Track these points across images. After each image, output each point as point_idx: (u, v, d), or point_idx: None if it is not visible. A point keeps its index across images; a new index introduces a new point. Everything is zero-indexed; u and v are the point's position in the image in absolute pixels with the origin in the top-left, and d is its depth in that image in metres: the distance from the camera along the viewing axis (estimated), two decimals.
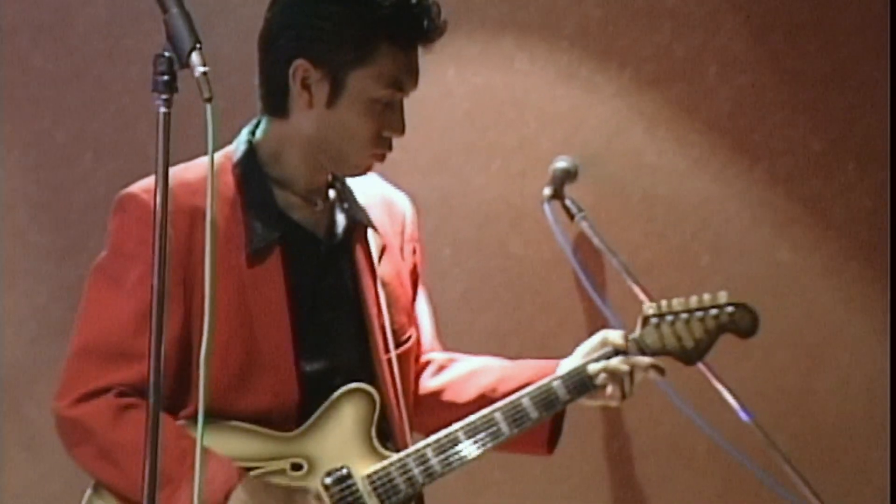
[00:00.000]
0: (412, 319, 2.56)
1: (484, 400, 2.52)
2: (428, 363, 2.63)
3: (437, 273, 3.41)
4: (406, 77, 2.39)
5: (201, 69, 1.91)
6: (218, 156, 2.40)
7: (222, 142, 3.43)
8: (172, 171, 2.23)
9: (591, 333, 3.35)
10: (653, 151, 3.46)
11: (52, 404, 2.35)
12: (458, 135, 3.53)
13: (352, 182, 2.50)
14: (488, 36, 3.42)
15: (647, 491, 3.45)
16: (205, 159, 2.37)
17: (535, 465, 3.24)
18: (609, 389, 2.50)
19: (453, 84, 3.48)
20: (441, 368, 2.62)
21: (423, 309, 2.61)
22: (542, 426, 2.53)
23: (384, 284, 2.47)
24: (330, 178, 2.47)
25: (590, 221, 3.37)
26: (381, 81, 2.36)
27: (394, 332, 2.47)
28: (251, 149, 2.42)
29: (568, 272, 3.43)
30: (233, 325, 2.33)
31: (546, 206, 3.40)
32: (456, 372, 2.61)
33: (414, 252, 2.57)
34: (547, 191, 3.42)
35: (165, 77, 1.93)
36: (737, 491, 3.36)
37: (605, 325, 3.32)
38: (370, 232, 2.48)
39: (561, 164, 3.43)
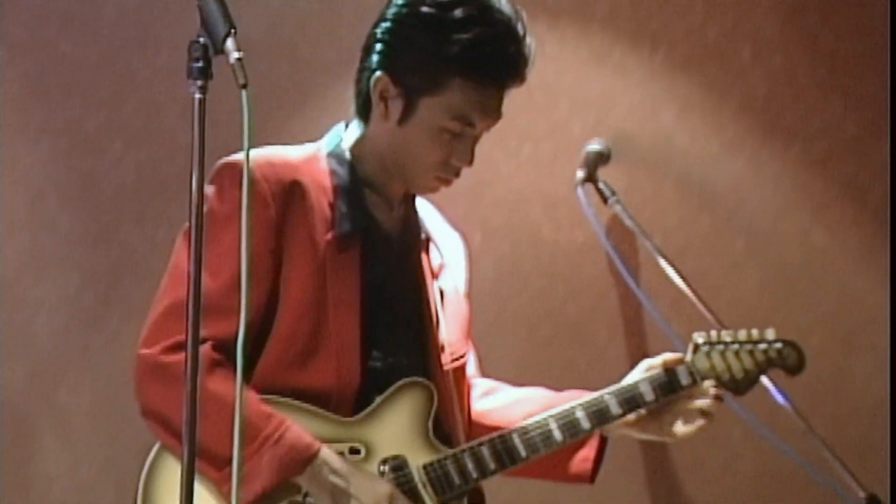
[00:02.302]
0: (468, 338, 2.61)
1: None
2: (473, 386, 2.67)
3: (468, 258, 3.40)
4: (478, 114, 2.44)
5: (236, 55, 1.91)
6: (309, 146, 2.51)
7: (255, 129, 3.45)
8: (270, 149, 2.45)
9: (624, 319, 3.49)
10: (685, 134, 3.44)
11: (138, 352, 2.38)
12: None
13: (420, 204, 2.59)
14: None
15: (682, 475, 3.43)
16: (302, 146, 2.50)
17: None
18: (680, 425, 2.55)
19: None
20: (487, 393, 2.67)
21: (469, 332, 2.66)
22: (590, 456, 2.57)
23: (444, 296, 2.54)
24: (404, 190, 2.53)
25: (623, 205, 3.35)
26: (450, 113, 2.42)
27: (450, 343, 2.52)
28: (342, 143, 2.50)
29: (600, 256, 3.41)
30: (307, 303, 2.39)
31: (579, 190, 3.38)
32: (503, 397, 2.66)
33: (466, 282, 2.64)
34: (580, 174, 3.40)
35: (200, 63, 1.92)
36: (772, 475, 3.35)
37: (639, 309, 3.39)
38: (433, 248, 2.56)
39: (594, 147, 3.41)
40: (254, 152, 2.35)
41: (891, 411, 3.27)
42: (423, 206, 2.62)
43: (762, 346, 2.53)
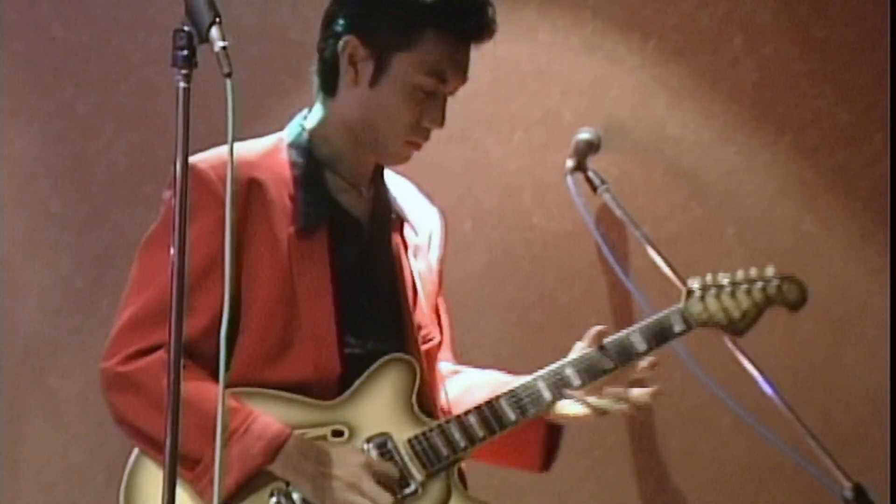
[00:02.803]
0: (438, 320, 2.60)
1: None
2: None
3: (460, 245, 3.40)
4: (450, 69, 2.43)
5: (221, 44, 1.91)
6: (271, 138, 2.50)
7: (243, 116, 3.44)
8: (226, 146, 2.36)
9: (613, 306, 3.48)
10: (676, 123, 3.43)
11: (99, 366, 2.40)
12: (480, 106, 3.50)
13: (391, 183, 2.56)
14: (511, 7, 3.37)
15: (671, 464, 3.43)
16: (264, 139, 2.49)
17: None
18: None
19: (475, 55, 3.41)
20: (442, 380, 2.65)
21: (444, 318, 2.65)
22: (536, 441, 2.54)
23: (420, 277, 2.53)
24: (373, 168, 2.52)
25: (612, 193, 3.34)
26: (423, 68, 2.41)
27: (424, 325, 2.52)
28: (303, 131, 2.48)
29: (591, 244, 3.41)
30: (276, 296, 2.38)
31: (569, 178, 3.37)
32: (457, 385, 2.64)
33: (440, 261, 2.62)
34: (569, 163, 3.39)
35: (185, 52, 1.91)
36: (761, 464, 3.34)
37: (628, 298, 3.38)
38: (407, 228, 2.54)
39: (583, 135, 3.40)
40: (211, 152, 2.39)
41: (891, 399, 3.26)
42: (396, 182, 2.59)
43: (759, 283, 2.48)
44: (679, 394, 3.35)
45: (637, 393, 2.52)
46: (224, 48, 1.90)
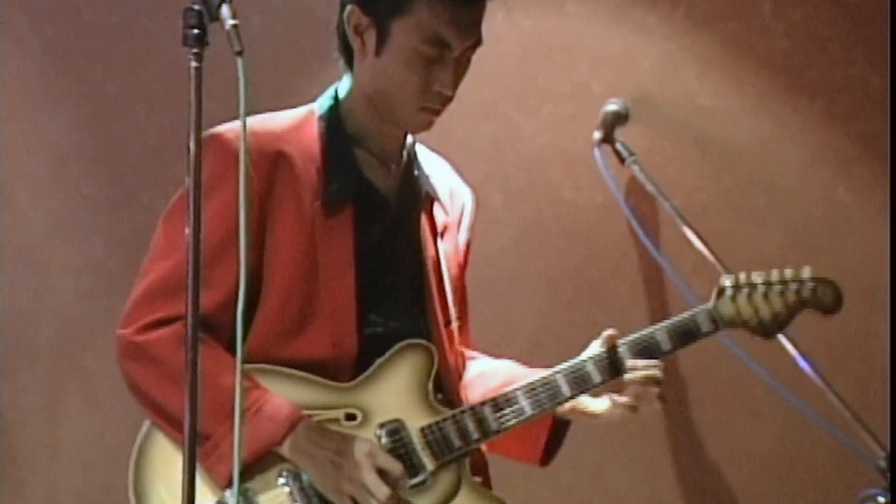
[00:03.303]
0: (461, 303, 2.57)
1: None
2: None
3: (489, 220, 3.38)
4: (451, 32, 2.37)
5: (231, 22, 1.90)
6: (302, 109, 2.48)
7: (267, 92, 3.44)
8: (258, 118, 2.40)
9: (644, 279, 3.45)
10: (706, 92, 3.39)
11: (116, 332, 2.39)
12: (507, 80, 3.48)
13: (423, 157, 2.53)
14: None
15: (704, 436, 3.41)
16: (295, 111, 2.47)
17: None
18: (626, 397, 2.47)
19: (503, 28, 3.43)
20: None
21: (465, 299, 2.63)
22: (541, 435, 2.52)
23: (446, 258, 2.50)
24: (403, 142, 2.49)
25: (641, 165, 3.32)
26: (422, 34, 2.36)
27: (447, 307, 2.49)
28: (335, 105, 2.46)
29: (621, 217, 3.39)
30: (298, 271, 2.36)
31: (596, 151, 3.35)
32: (466, 371, 2.61)
33: (467, 245, 2.59)
34: (597, 135, 3.36)
35: (195, 31, 1.91)
36: (795, 435, 3.32)
37: (660, 270, 3.36)
38: (437, 207, 2.51)
39: (611, 107, 3.37)
40: (239, 122, 2.32)
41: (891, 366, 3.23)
42: (430, 159, 2.57)
43: (794, 286, 2.43)
44: (712, 366, 3.33)
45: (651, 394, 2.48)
46: (235, 26, 1.89)
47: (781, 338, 3.00)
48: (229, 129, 2.37)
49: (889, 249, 3.19)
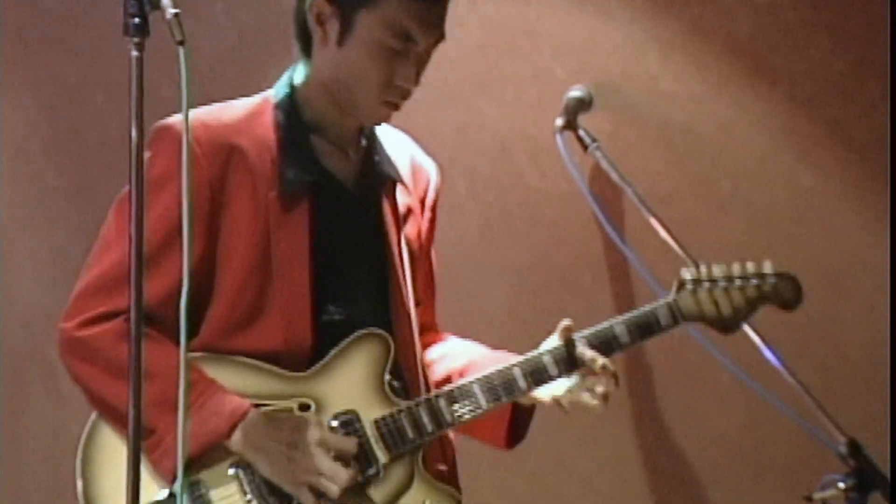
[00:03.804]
0: (427, 282, 2.57)
1: (450, 383, 2.52)
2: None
3: (453, 207, 3.40)
4: (416, 26, 2.37)
5: (172, 11, 1.88)
6: (257, 98, 2.46)
7: (230, 80, 3.44)
8: (211, 108, 2.39)
9: (609, 266, 3.44)
10: (669, 77, 3.39)
11: (59, 326, 2.40)
12: (470, 65, 3.48)
13: (383, 137, 2.51)
14: None
15: (670, 422, 3.41)
16: (250, 99, 2.46)
17: None
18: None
19: (465, 14, 3.43)
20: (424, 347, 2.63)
21: (431, 279, 2.63)
22: (503, 419, 2.52)
23: (408, 242, 2.49)
24: (360, 127, 2.48)
25: (604, 152, 3.31)
26: (387, 26, 2.36)
27: (413, 290, 2.49)
28: (291, 92, 2.45)
29: (585, 204, 3.38)
30: (251, 264, 2.36)
31: (558, 137, 3.34)
32: (430, 352, 2.61)
33: (431, 221, 2.59)
34: (559, 121, 3.36)
35: (136, 20, 1.89)
36: (759, 421, 3.33)
37: (624, 259, 3.35)
38: (399, 189, 2.50)
39: (574, 93, 3.37)
40: (191, 113, 2.29)
41: (885, 354, 3.24)
42: (391, 138, 2.55)
43: (754, 281, 2.43)
44: (677, 352, 3.33)
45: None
46: (176, 15, 1.88)
47: (745, 325, 3.04)
48: (180, 119, 2.32)
49: (889, 248, 3.19)
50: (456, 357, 2.58)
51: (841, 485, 2.66)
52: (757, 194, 3.35)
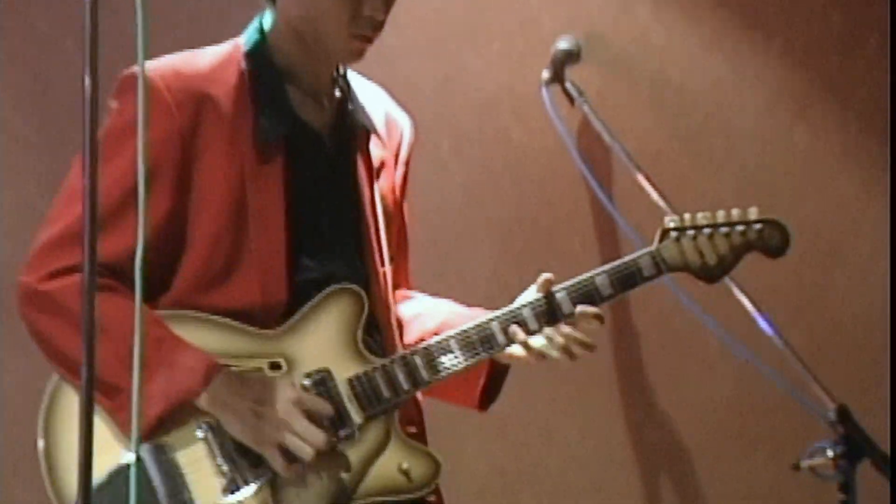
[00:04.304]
0: (400, 240, 2.55)
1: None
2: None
3: (436, 164, 3.37)
4: None
5: None
6: (226, 46, 2.44)
7: (209, 27, 3.38)
8: (180, 56, 2.38)
9: (597, 226, 3.40)
10: (661, 30, 3.34)
11: (18, 279, 2.37)
12: (455, 16, 3.43)
13: (357, 88, 2.49)
14: None
15: (656, 389, 3.40)
16: (220, 47, 2.43)
17: (540, 364, 3.20)
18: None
19: None
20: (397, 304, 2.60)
21: (404, 236, 2.60)
22: (477, 378, 2.50)
23: (382, 197, 2.47)
24: (335, 75, 2.45)
25: (591, 106, 3.26)
26: None
27: (384, 247, 2.47)
28: (262, 39, 2.42)
29: (574, 161, 3.34)
30: (226, 217, 2.34)
31: (544, 91, 3.30)
32: (403, 312, 2.59)
33: (404, 177, 2.56)
34: (545, 74, 3.32)
35: None
36: (748, 388, 3.32)
37: (612, 219, 3.32)
38: (373, 141, 2.47)
39: (562, 45, 3.32)
40: (162, 61, 2.34)
41: (880, 321, 3.21)
42: (365, 90, 2.52)
43: (740, 227, 2.40)
44: (665, 318, 3.32)
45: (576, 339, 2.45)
46: None
47: (736, 290, 3.06)
48: (153, 68, 2.33)
49: (889, 210, 3.16)
50: (429, 317, 2.55)
51: (829, 452, 2.64)
52: (750, 153, 3.31)
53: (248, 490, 2.30)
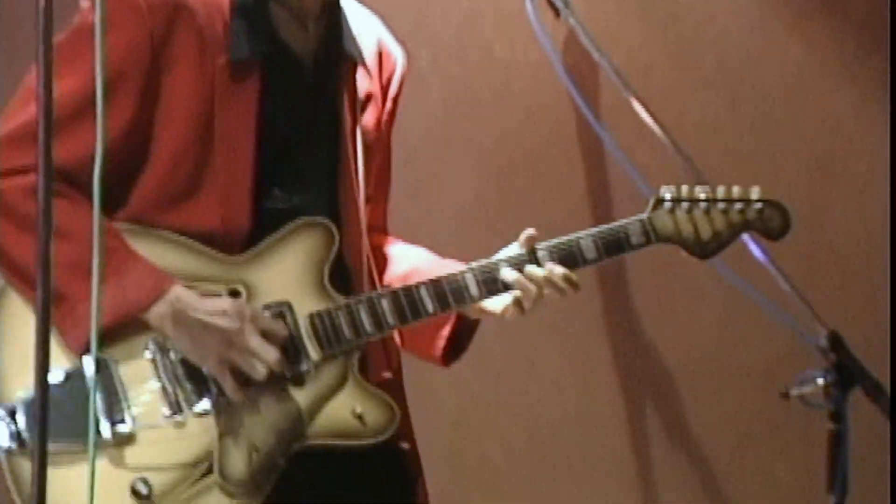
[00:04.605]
0: (378, 183, 2.53)
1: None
2: None
3: (415, 80, 3.24)
4: None
5: None
6: None
7: None
8: None
9: (583, 148, 3.34)
10: None
11: None
12: None
13: (350, 14, 2.45)
14: None
15: (643, 317, 3.36)
16: None
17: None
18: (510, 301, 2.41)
19: None
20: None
21: (385, 177, 2.58)
22: (442, 331, 2.47)
23: (364, 132, 2.44)
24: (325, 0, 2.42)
25: (578, 19, 3.18)
26: None
27: (364, 182, 2.44)
28: None
29: (559, 78, 3.21)
30: (192, 133, 2.32)
31: (528, 2, 3.20)
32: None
33: (392, 114, 2.54)
34: None
35: None
36: (739, 318, 3.26)
37: (598, 140, 3.26)
38: (360, 73, 2.44)
39: None
40: None
41: (877, 243, 3.15)
42: (359, 17, 2.48)
43: (739, 205, 2.40)
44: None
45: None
46: None
47: None
48: None
49: (888, 126, 3.11)
50: (398, 261, 2.53)
51: (820, 381, 2.59)
52: (744, 68, 3.24)
53: (191, 414, 2.27)
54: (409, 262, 2.52)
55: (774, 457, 3.23)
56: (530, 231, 2.41)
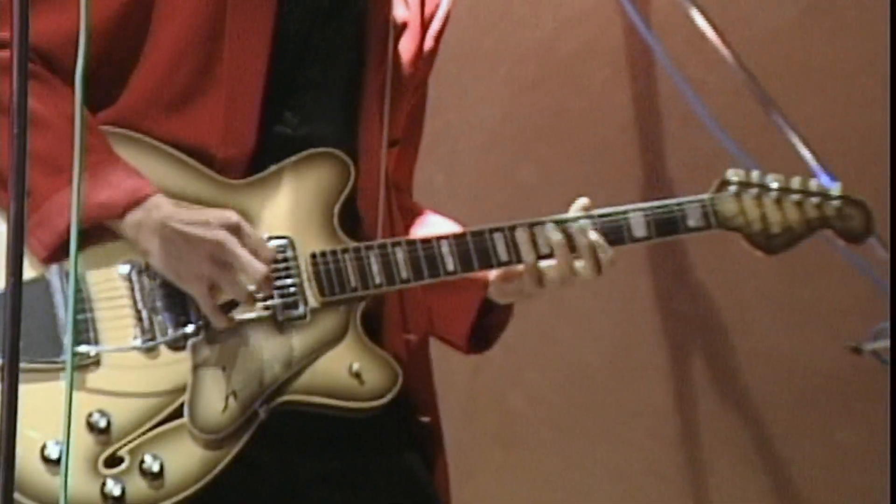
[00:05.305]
0: (409, 126, 2.36)
1: None
2: None
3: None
4: None
5: None
6: None
7: None
8: None
9: (628, 56, 3.24)
10: None
11: None
12: None
13: None
14: None
15: (691, 255, 3.27)
16: None
17: None
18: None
19: None
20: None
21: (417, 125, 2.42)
22: (468, 312, 2.28)
23: (395, 65, 2.27)
24: None
25: None
26: None
27: (390, 122, 2.27)
28: None
29: None
30: (198, 31, 2.17)
31: None
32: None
33: (432, 54, 2.36)
34: None
35: None
36: (800, 254, 3.00)
37: (647, 50, 3.19)
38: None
39: None
40: None
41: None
42: None
43: (815, 199, 2.24)
44: (701, 172, 2.94)
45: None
46: None
47: (789, 132, 2.92)
48: None
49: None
50: (420, 224, 2.35)
51: None
52: None
53: (165, 345, 2.11)
54: (431, 226, 2.35)
55: (835, 418, 3.16)
56: (584, 200, 2.25)
